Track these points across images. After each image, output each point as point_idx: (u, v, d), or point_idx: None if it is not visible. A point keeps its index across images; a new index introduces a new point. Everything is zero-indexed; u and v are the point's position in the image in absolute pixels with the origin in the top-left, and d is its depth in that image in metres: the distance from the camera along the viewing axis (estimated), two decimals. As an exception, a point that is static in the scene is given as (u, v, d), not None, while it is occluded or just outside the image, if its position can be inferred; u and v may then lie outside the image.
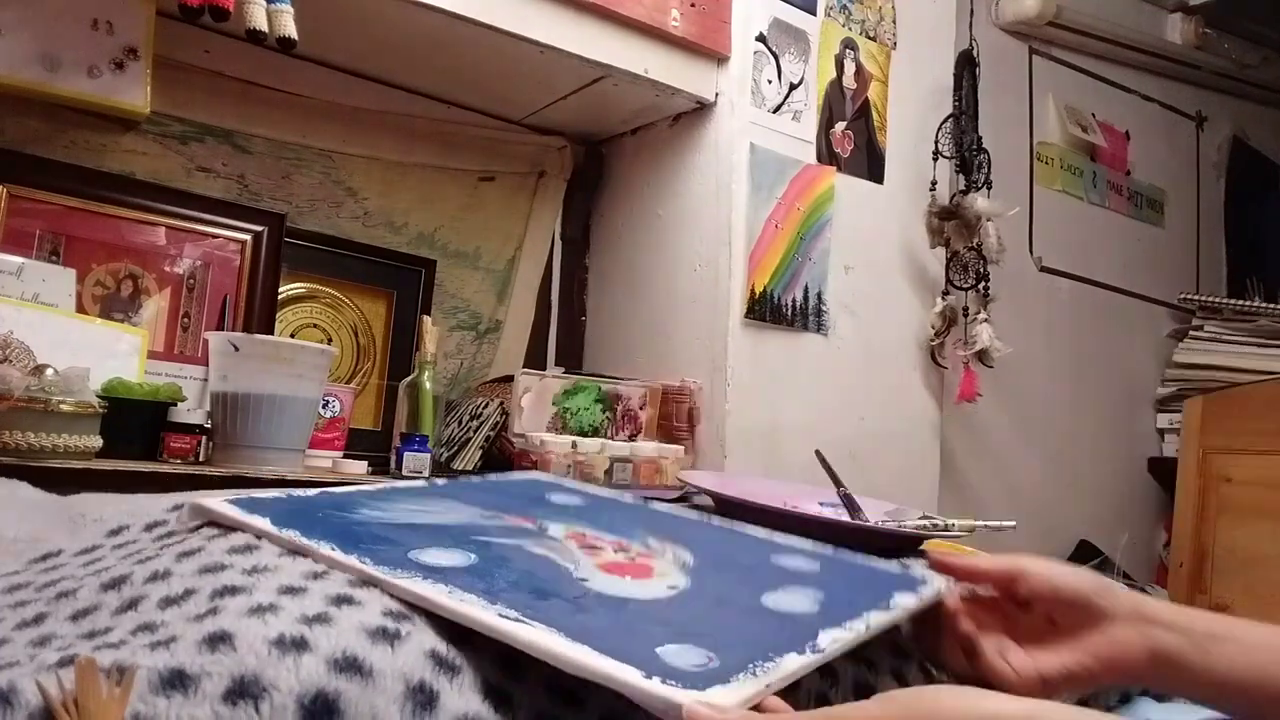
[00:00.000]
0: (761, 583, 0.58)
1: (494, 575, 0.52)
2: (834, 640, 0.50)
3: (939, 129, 1.80)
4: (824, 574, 0.62)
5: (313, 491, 0.66)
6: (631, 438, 1.56)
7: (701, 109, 1.64)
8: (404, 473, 1.32)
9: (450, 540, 0.57)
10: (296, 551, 0.53)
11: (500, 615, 0.45)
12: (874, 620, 0.54)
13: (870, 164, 1.75)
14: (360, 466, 1.34)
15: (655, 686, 0.41)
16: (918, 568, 0.64)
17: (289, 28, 1.18)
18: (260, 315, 1.44)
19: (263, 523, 0.55)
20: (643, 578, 0.56)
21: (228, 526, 0.56)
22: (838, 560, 0.67)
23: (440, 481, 0.77)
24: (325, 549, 0.52)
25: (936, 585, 0.61)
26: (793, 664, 0.46)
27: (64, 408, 1.02)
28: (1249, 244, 2.78)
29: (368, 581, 0.49)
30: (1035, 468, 2.22)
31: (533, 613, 0.46)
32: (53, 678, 0.37)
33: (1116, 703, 0.77)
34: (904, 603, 0.58)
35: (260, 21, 1.16)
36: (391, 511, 0.63)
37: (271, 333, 1.45)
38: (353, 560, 0.51)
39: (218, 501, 0.58)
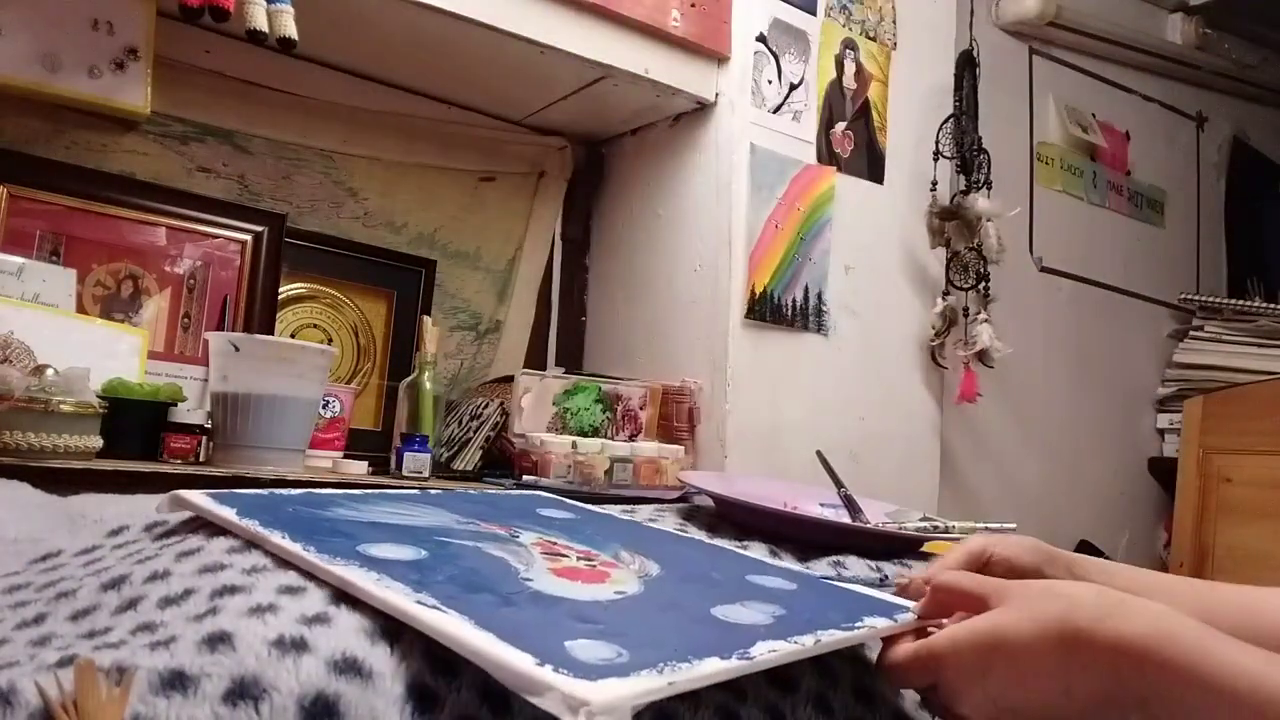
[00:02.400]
0: (721, 596, 0.56)
1: (434, 570, 0.51)
2: (770, 650, 0.46)
3: (939, 129, 1.80)
4: (796, 593, 0.60)
5: (296, 491, 0.66)
6: (632, 438, 1.57)
7: (702, 109, 1.64)
8: (404, 473, 1.32)
9: (409, 539, 0.57)
10: (250, 541, 0.53)
11: (417, 603, 0.44)
12: (826, 637, 0.50)
13: (870, 164, 1.75)
14: (360, 467, 1.34)
15: (538, 672, 0.38)
16: (898, 600, 0.61)
17: (289, 28, 1.18)
18: (260, 315, 1.44)
19: (228, 513, 0.56)
20: (593, 583, 0.55)
21: (224, 527, 0.56)
22: (816, 583, 0.64)
23: (435, 491, 0.76)
24: (275, 537, 0.52)
25: (914, 614, 0.58)
26: (709, 667, 0.43)
27: (64, 408, 1.02)
28: (1249, 244, 2.78)
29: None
30: (1035, 468, 2.22)
31: (454, 603, 0.45)
32: (52, 678, 0.37)
33: None
34: (872, 623, 0.54)
35: (260, 22, 1.16)
36: (365, 513, 0.63)
37: (272, 333, 1.45)
38: (296, 548, 0.50)
39: (196, 494, 0.59)
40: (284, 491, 0.65)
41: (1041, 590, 0.50)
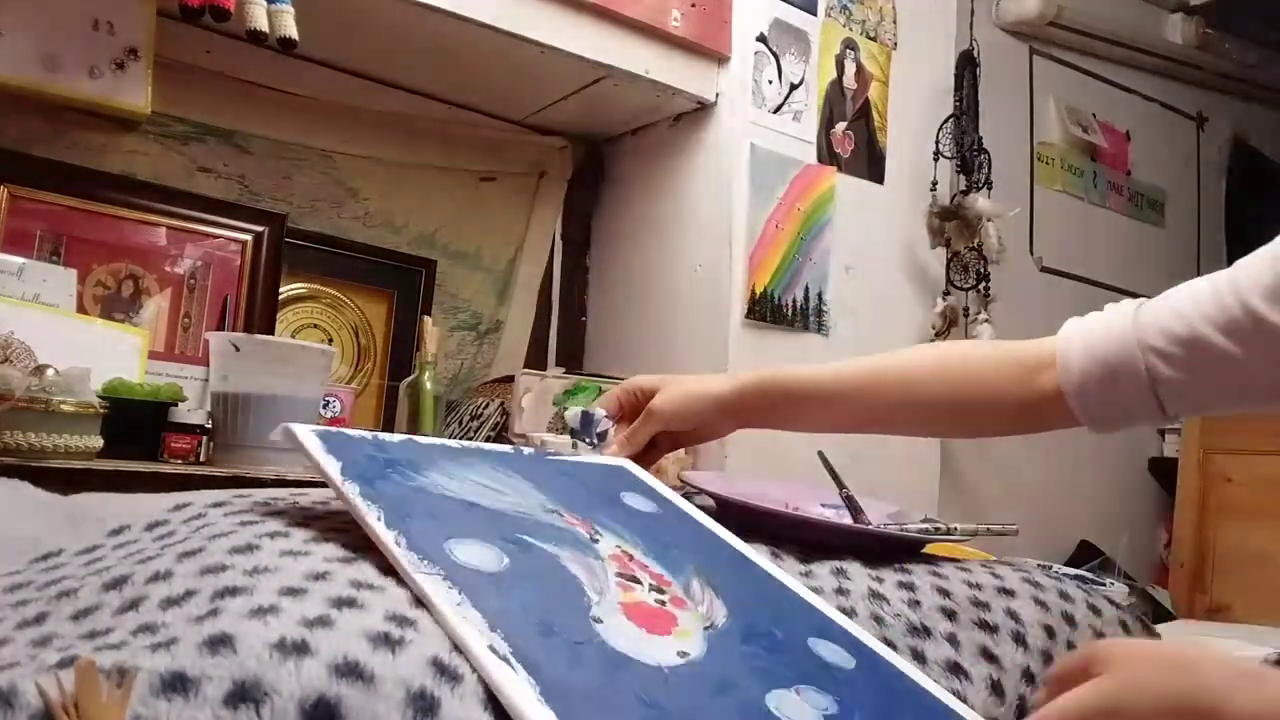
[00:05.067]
0: (781, 675, 0.56)
1: (513, 591, 0.52)
2: None
3: (939, 129, 1.80)
4: (853, 674, 0.59)
5: (398, 438, 0.65)
6: (632, 438, 1.56)
7: (702, 109, 1.64)
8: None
9: (495, 534, 0.57)
10: (345, 515, 0.54)
11: (490, 647, 0.45)
12: None
13: (871, 164, 1.75)
14: (361, 467, 1.34)
15: None
16: (955, 702, 0.60)
17: (290, 28, 1.18)
18: (261, 315, 1.44)
19: (334, 468, 0.57)
20: (659, 632, 0.55)
21: (228, 530, 0.56)
22: (876, 663, 0.63)
23: (528, 452, 0.75)
24: (372, 517, 0.53)
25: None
26: None
27: (65, 408, 1.02)
28: (1249, 244, 2.76)
29: (370, 584, 0.49)
30: (1035, 468, 2.22)
31: (526, 649, 0.46)
32: (53, 679, 0.37)
33: None
34: None
35: (261, 22, 1.16)
36: (459, 482, 0.62)
37: (272, 333, 1.45)
38: (389, 538, 0.52)
39: (307, 432, 0.59)
40: (389, 439, 0.64)
41: (1159, 660, 0.47)
